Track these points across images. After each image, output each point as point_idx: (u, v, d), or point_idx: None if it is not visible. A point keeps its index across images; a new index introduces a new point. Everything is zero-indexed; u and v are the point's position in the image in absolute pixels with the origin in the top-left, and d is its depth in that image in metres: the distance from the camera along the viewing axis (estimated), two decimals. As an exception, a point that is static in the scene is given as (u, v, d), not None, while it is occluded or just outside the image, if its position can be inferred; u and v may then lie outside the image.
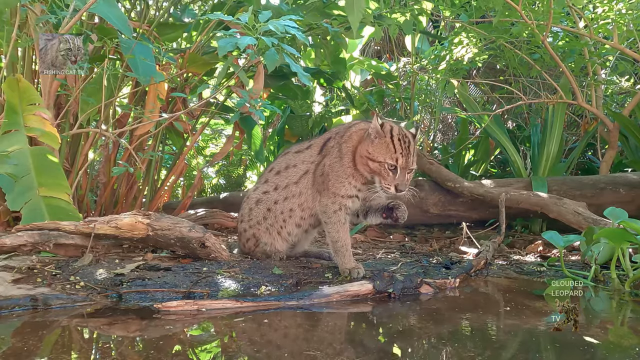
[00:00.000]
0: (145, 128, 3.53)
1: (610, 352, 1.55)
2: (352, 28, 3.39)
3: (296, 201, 2.59)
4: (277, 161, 2.76)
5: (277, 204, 2.63)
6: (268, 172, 2.76)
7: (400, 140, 2.29)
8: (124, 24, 2.98)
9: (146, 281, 2.14)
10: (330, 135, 2.62)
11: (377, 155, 2.29)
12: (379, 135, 2.30)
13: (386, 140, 2.30)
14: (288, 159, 2.69)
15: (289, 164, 2.66)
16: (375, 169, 2.31)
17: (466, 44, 4.69)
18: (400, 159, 2.27)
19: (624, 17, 3.91)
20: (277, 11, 3.70)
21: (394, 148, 2.28)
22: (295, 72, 3.23)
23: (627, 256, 2.41)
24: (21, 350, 1.42)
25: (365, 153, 2.33)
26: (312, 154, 2.63)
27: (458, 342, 1.61)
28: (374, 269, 2.50)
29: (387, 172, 2.28)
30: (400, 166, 2.27)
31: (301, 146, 2.73)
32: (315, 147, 2.64)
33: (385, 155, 2.28)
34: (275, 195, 2.64)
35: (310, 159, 2.62)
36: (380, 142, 2.30)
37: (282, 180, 2.64)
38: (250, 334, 1.67)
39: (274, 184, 2.66)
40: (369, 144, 2.33)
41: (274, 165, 2.75)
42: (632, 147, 4.41)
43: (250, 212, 2.71)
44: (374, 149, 2.30)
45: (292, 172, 2.63)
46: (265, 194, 2.68)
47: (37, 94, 2.97)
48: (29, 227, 2.42)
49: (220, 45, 2.89)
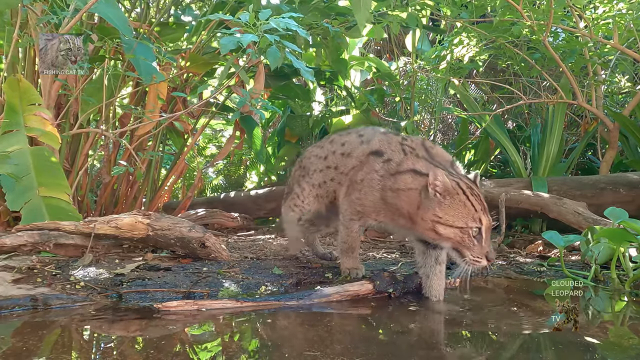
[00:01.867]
0: (146, 128, 3.54)
1: (610, 352, 1.54)
2: (359, 26, 3.38)
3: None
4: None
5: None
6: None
7: (474, 195, 1.86)
8: (124, 24, 2.98)
9: (146, 281, 2.14)
10: (383, 148, 2.17)
11: (453, 220, 1.83)
12: (449, 194, 1.84)
13: (460, 198, 1.84)
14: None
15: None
16: (451, 236, 1.84)
17: (467, 44, 4.69)
18: (483, 218, 1.83)
19: (624, 17, 3.91)
20: (277, 11, 3.70)
21: (473, 206, 1.83)
22: (297, 69, 3.23)
23: (627, 256, 2.41)
24: (21, 350, 1.42)
25: (433, 217, 1.86)
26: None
27: (458, 342, 1.61)
28: (374, 269, 2.50)
29: (472, 239, 1.82)
30: (485, 227, 1.83)
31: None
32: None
33: (466, 218, 1.82)
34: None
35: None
36: (453, 202, 1.84)
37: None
38: (250, 334, 1.67)
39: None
40: (436, 207, 1.85)
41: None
42: (632, 147, 4.40)
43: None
44: (445, 212, 1.84)
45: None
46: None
47: (37, 94, 2.97)
48: (29, 227, 2.42)
49: (222, 43, 2.89)
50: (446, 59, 4.87)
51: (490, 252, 1.83)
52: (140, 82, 3.53)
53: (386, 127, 4.63)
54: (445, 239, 1.86)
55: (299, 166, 2.72)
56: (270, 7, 3.86)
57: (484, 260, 1.82)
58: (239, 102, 3.34)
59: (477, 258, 1.82)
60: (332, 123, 5.72)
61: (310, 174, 2.56)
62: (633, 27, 3.92)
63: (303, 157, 2.72)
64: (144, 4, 4.07)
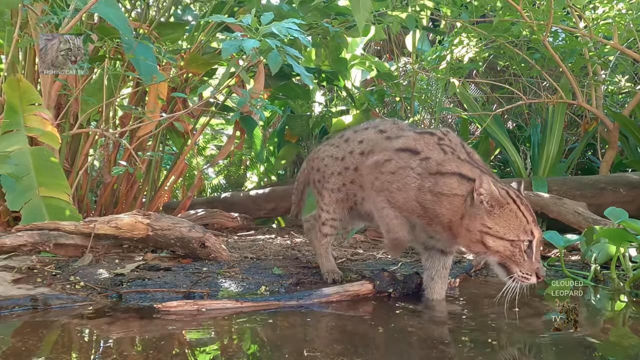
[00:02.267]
0: (147, 128, 3.54)
1: (610, 352, 1.54)
2: (358, 26, 3.37)
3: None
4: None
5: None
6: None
7: (524, 204, 1.72)
8: (125, 24, 2.98)
9: (146, 281, 2.14)
10: (419, 148, 1.95)
11: (504, 232, 1.68)
12: (499, 204, 1.70)
13: (511, 208, 1.70)
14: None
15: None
16: (500, 250, 1.70)
17: (467, 44, 4.69)
18: (535, 231, 1.69)
19: (624, 17, 3.91)
20: (277, 11, 3.70)
21: (525, 217, 1.69)
22: (297, 72, 3.23)
23: (627, 256, 2.41)
24: (21, 350, 1.42)
25: (480, 227, 1.71)
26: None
27: (458, 341, 1.61)
28: (374, 269, 2.50)
29: (522, 254, 1.67)
30: (537, 240, 1.69)
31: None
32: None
33: (517, 230, 1.67)
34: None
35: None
36: (503, 212, 1.69)
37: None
38: (250, 334, 1.67)
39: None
40: (484, 215, 1.70)
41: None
42: (632, 147, 4.40)
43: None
44: (495, 222, 1.69)
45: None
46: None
47: (37, 94, 2.97)
48: (29, 227, 2.42)
49: (224, 47, 2.89)
50: (446, 59, 4.87)
51: (541, 268, 1.68)
52: (140, 82, 3.53)
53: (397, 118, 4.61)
54: (493, 252, 1.71)
55: (312, 168, 2.50)
56: (270, 7, 3.87)
57: (534, 277, 1.67)
58: (238, 102, 3.35)
59: (527, 275, 1.67)
60: (332, 123, 5.72)
61: (327, 177, 2.36)
62: (633, 27, 3.92)
63: (314, 157, 2.51)
64: (144, 4, 4.07)
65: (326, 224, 2.39)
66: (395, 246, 2.04)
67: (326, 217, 2.38)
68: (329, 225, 2.39)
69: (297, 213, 2.96)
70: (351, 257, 3.00)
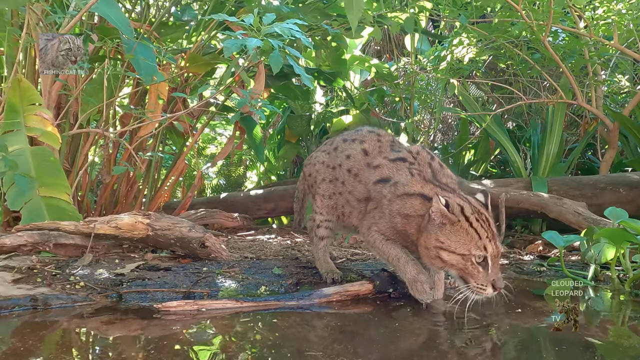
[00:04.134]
0: (148, 129, 3.54)
1: (610, 352, 1.55)
2: (352, 26, 3.38)
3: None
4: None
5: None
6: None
7: (479, 221, 1.78)
8: (125, 24, 2.98)
9: (146, 281, 2.14)
10: (391, 175, 2.08)
11: (455, 247, 1.77)
12: (450, 221, 1.78)
13: (462, 225, 1.77)
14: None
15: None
16: (454, 263, 1.78)
17: (467, 44, 4.69)
18: (489, 246, 1.75)
19: (624, 17, 3.91)
20: (277, 12, 3.70)
21: (477, 233, 1.76)
22: (298, 73, 3.23)
23: (627, 256, 2.41)
24: (21, 350, 1.42)
25: (435, 243, 1.80)
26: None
27: (458, 341, 1.61)
28: (374, 269, 2.50)
29: (476, 267, 1.75)
30: (491, 255, 1.76)
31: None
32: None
33: (468, 245, 1.75)
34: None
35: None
36: (454, 229, 1.77)
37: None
38: (250, 334, 1.67)
39: None
40: (437, 231, 1.80)
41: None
42: (632, 147, 4.40)
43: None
44: (447, 238, 1.78)
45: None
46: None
47: (37, 94, 2.97)
48: (29, 227, 2.42)
49: (225, 46, 2.89)
50: (446, 59, 4.87)
51: (498, 280, 1.74)
52: (141, 82, 3.53)
53: (385, 128, 4.61)
54: (449, 265, 1.80)
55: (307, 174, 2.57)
56: (269, 9, 3.86)
57: (490, 288, 1.74)
58: (238, 102, 3.34)
59: (481, 286, 1.75)
60: (332, 123, 5.72)
61: (318, 183, 2.43)
62: (633, 27, 3.92)
63: (308, 163, 2.58)
64: (145, 4, 4.07)
65: (321, 226, 2.44)
66: (413, 279, 2.02)
67: (320, 219, 2.44)
68: (323, 227, 2.44)
69: (300, 221, 2.97)
70: (351, 257, 3.00)
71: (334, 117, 5.78)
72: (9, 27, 2.97)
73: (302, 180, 2.73)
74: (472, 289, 1.77)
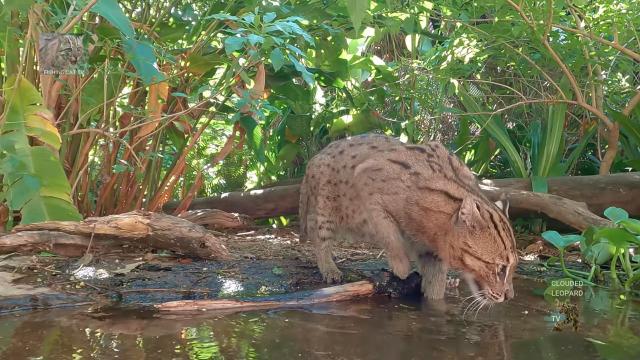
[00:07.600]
0: (148, 129, 3.54)
1: (610, 352, 1.55)
2: (354, 27, 3.37)
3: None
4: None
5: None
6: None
7: (504, 230, 1.77)
8: (126, 25, 2.98)
9: (146, 281, 2.14)
10: (410, 163, 2.04)
11: (481, 253, 1.75)
12: (480, 226, 1.76)
13: (491, 232, 1.76)
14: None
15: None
16: (476, 269, 1.77)
17: (467, 45, 4.69)
18: (511, 257, 1.75)
19: (624, 17, 3.91)
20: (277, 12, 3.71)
21: (503, 242, 1.75)
22: (299, 72, 3.23)
23: (627, 256, 2.41)
24: (21, 350, 1.42)
25: (462, 245, 1.79)
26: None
27: (458, 342, 1.61)
28: (374, 269, 2.50)
29: (495, 276, 1.74)
30: (511, 266, 1.75)
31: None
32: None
33: (493, 254, 1.74)
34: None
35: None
36: (483, 235, 1.76)
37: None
38: (250, 334, 1.67)
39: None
40: (467, 234, 1.78)
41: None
42: (632, 147, 4.40)
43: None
44: (475, 243, 1.77)
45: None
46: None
47: (38, 94, 2.98)
48: (29, 227, 2.42)
49: (227, 43, 2.89)
50: (447, 60, 4.87)
51: (510, 290, 1.75)
52: (141, 83, 3.53)
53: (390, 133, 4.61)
54: (469, 270, 1.79)
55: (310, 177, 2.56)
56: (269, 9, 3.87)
57: (502, 297, 1.75)
58: (238, 102, 3.35)
59: (496, 295, 1.75)
60: (332, 123, 5.72)
61: (322, 185, 2.44)
62: (633, 27, 3.92)
63: (311, 164, 2.57)
64: (145, 4, 4.07)
65: (323, 227, 2.44)
66: (394, 256, 2.10)
67: (322, 220, 2.44)
68: (325, 228, 2.44)
69: (305, 228, 2.95)
70: (351, 257, 3.01)
71: (334, 118, 5.78)
72: (9, 27, 2.97)
73: (305, 184, 2.72)
74: (485, 296, 1.77)
